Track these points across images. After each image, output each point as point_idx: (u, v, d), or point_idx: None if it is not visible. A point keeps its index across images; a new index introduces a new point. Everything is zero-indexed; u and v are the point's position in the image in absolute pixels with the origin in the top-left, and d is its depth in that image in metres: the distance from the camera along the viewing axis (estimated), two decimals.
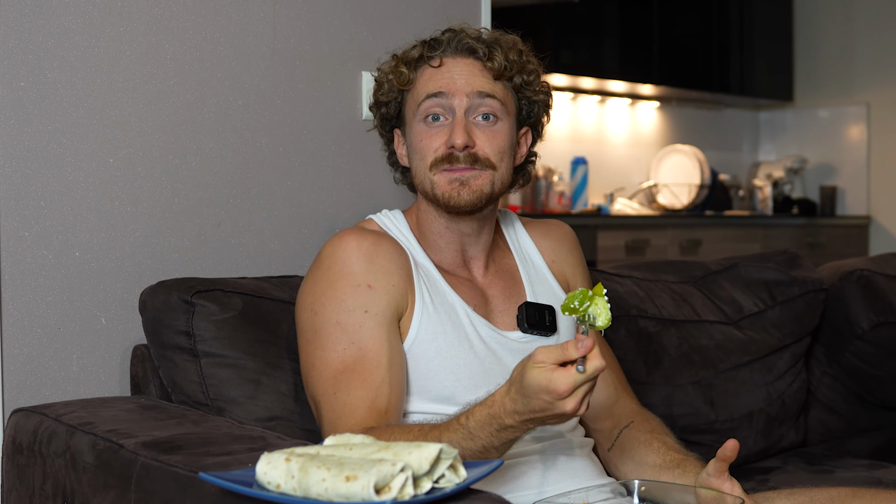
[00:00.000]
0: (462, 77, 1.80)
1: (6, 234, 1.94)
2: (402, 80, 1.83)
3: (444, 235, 1.86)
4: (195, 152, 2.16)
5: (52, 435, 1.76)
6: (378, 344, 1.71)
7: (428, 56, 1.82)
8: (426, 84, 1.81)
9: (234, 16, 2.20)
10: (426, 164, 1.80)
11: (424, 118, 1.81)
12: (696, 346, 2.45)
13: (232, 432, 1.68)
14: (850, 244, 6.29)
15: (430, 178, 1.80)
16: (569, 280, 2.00)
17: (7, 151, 1.94)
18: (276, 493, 1.30)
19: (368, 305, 1.72)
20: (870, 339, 2.64)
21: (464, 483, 1.32)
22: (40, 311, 1.98)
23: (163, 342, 1.92)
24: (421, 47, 1.83)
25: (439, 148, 1.79)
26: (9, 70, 1.93)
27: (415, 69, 1.83)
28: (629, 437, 1.91)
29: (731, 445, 1.63)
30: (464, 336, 1.78)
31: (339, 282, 1.74)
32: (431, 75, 1.81)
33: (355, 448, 1.35)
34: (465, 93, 1.79)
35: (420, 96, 1.81)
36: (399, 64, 1.84)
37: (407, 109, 1.85)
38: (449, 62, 1.81)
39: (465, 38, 1.82)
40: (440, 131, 1.79)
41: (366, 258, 1.76)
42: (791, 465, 2.46)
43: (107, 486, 1.62)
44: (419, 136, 1.81)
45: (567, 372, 1.43)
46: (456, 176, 1.78)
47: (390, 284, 1.75)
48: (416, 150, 1.82)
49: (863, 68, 6.42)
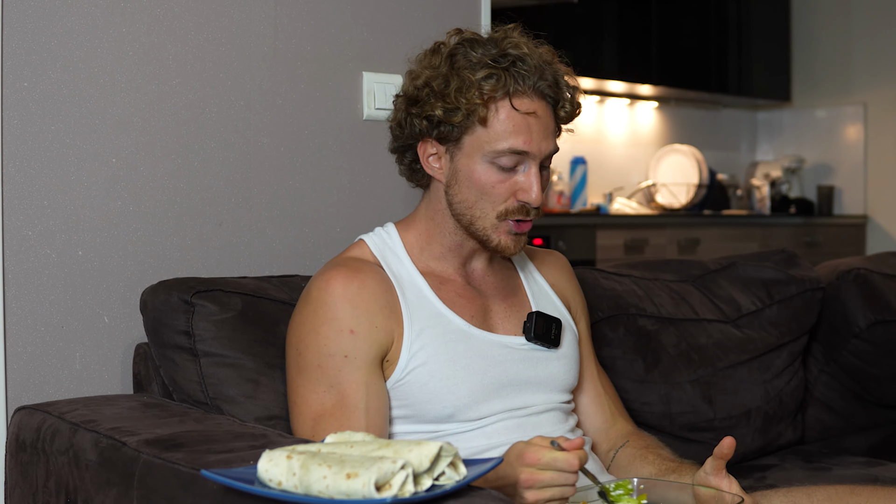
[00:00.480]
0: (539, 134, 1.76)
1: (9, 233, 1.94)
2: (480, 117, 1.75)
3: (455, 251, 1.86)
4: (197, 152, 2.16)
5: (56, 432, 1.76)
6: (356, 389, 1.72)
7: (512, 94, 1.75)
8: (508, 134, 1.75)
9: (235, 16, 2.20)
10: (492, 211, 1.78)
11: (498, 164, 1.76)
12: (695, 344, 2.45)
13: (233, 430, 1.68)
14: (847, 243, 6.29)
15: (492, 223, 1.78)
16: (570, 304, 2.01)
17: (10, 151, 1.94)
18: (277, 490, 1.30)
19: (349, 350, 1.73)
20: (867, 338, 2.64)
21: (464, 480, 1.32)
22: (43, 310, 1.98)
23: (163, 342, 1.92)
24: (503, 79, 1.74)
25: (510, 199, 1.77)
26: (12, 70, 1.93)
27: (491, 103, 1.75)
28: (625, 454, 1.92)
29: (728, 443, 1.63)
30: (460, 355, 1.78)
31: (322, 326, 1.75)
32: (514, 123, 1.75)
33: (356, 446, 1.35)
34: (542, 150, 1.77)
35: (499, 142, 1.75)
36: (476, 92, 1.74)
37: (470, 138, 1.77)
38: (530, 106, 1.75)
39: (538, 79, 1.76)
40: (510, 180, 1.77)
41: (351, 304, 1.75)
42: (789, 462, 2.46)
43: (109, 484, 1.62)
44: (488, 179, 1.76)
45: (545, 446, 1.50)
46: (520, 230, 1.79)
47: (373, 327, 1.75)
48: (482, 190, 1.77)
49: (860, 69, 6.42)
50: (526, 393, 1.82)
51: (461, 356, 1.78)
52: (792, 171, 6.51)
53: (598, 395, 2.01)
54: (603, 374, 2.07)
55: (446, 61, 1.78)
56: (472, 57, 1.77)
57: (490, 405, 1.78)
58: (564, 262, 2.07)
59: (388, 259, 1.84)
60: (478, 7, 2.57)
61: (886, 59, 6.31)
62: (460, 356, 1.78)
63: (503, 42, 1.78)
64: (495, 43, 1.79)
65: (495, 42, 1.79)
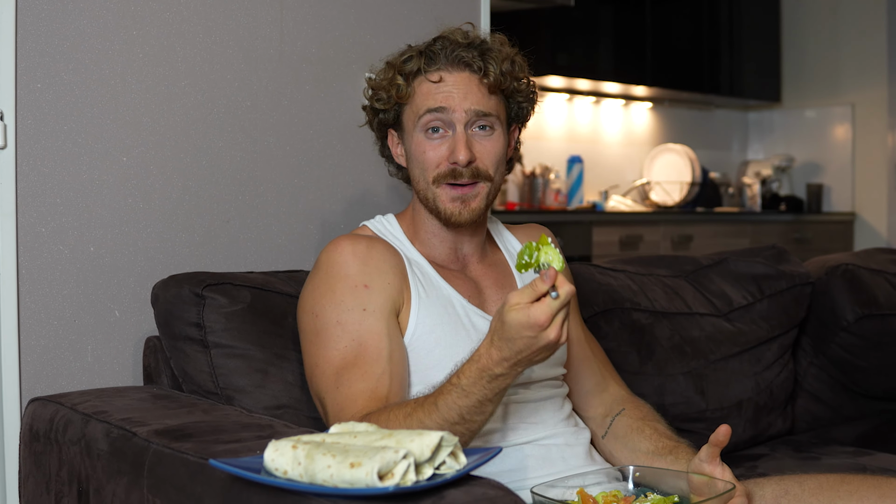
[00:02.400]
0: (460, 93, 1.79)
1: (23, 230, 1.94)
2: (400, 94, 1.81)
3: (438, 235, 1.87)
4: (205, 151, 2.16)
5: (68, 423, 1.75)
6: (377, 338, 1.72)
7: (425, 69, 1.81)
8: (426, 98, 1.80)
9: (242, 20, 2.20)
10: (428, 177, 1.80)
11: (425, 130, 1.80)
12: (688, 337, 2.45)
13: (241, 420, 1.68)
14: (835, 240, 6.28)
15: (432, 191, 1.80)
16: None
17: (24, 150, 1.94)
18: (283, 479, 1.30)
19: (366, 304, 1.73)
20: (855, 331, 2.63)
21: (464, 469, 1.32)
22: (56, 304, 1.98)
23: (174, 334, 1.92)
24: (418, 59, 1.81)
25: (441, 163, 1.79)
26: (26, 72, 1.93)
27: (412, 82, 1.82)
28: (621, 425, 1.91)
29: (724, 431, 1.63)
30: (460, 326, 1.78)
31: (337, 284, 1.75)
32: (430, 90, 1.80)
33: (359, 436, 1.35)
34: (464, 109, 1.78)
35: (420, 109, 1.80)
36: (396, 76, 1.82)
37: (405, 118, 1.84)
38: (446, 76, 1.79)
39: (459, 50, 1.80)
40: (441, 143, 1.79)
41: (361, 260, 1.76)
42: (779, 452, 2.46)
43: (120, 473, 1.62)
44: (420, 147, 1.81)
45: (542, 303, 1.44)
46: (458, 194, 1.79)
47: (386, 282, 1.76)
48: (417, 160, 1.82)
49: (848, 70, 6.42)
50: None
51: (461, 328, 1.79)
52: (782, 170, 6.50)
53: (587, 357, 1.99)
54: (592, 339, 2.06)
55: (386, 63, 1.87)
56: (403, 51, 1.85)
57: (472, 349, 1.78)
58: (542, 231, 2.07)
59: (391, 240, 1.87)
60: (477, 10, 2.57)
61: (873, 62, 6.30)
62: (461, 328, 1.78)
63: (440, 36, 1.84)
64: (436, 38, 1.84)
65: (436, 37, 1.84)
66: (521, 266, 1.49)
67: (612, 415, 1.93)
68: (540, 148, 5.55)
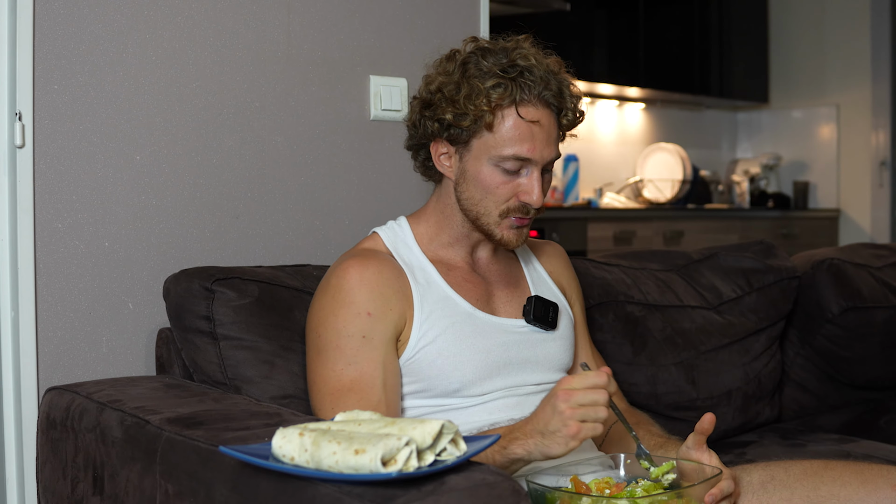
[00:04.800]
0: (542, 141, 1.75)
1: (41, 226, 1.94)
2: (487, 123, 1.74)
3: (461, 239, 1.86)
4: (215, 150, 2.16)
5: (84, 411, 1.75)
6: (373, 367, 1.72)
7: (518, 101, 1.74)
8: (513, 141, 1.74)
9: (251, 24, 2.19)
10: (496, 209, 1.78)
11: (503, 167, 1.76)
12: (679, 329, 2.45)
13: (250, 409, 1.68)
14: (821, 235, 6.28)
15: (495, 219, 1.79)
16: (565, 289, 2.01)
17: (42, 149, 1.93)
18: (290, 465, 1.30)
19: (367, 331, 1.73)
20: (839, 323, 2.63)
21: (464, 456, 1.32)
22: (72, 297, 1.98)
23: (185, 326, 1.92)
24: (510, 88, 1.73)
25: (512, 199, 1.77)
26: (43, 74, 1.93)
27: (500, 109, 1.74)
28: (617, 430, 1.91)
29: (708, 419, 1.64)
30: (465, 335, 1.78)
31: (340, 310, 1.74)
32: (519, 131, 1.74)
33: (363, 423, 1.35)
34: (545, 158, 1.77)
35: (504, 148, 1.74)
36: (485, 100, 1.73)
37: (478, 141, 1.77)
38: (534, 114, 1.74)
39: (542, 88, 1.75)
40: (514, 182, 1.77)
41: (368, 288, 1.74)
42: (767, 439, 2.46)
43: (134, 459, 1.62)
44: (493, 180, 1.76)
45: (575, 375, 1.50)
46: (521, 226, 1.79)
47: (388, 309, 1.75)
48: (487, 189, 1.77)
49: (833, 72, 6.41)
50: (525, 372, 1.83)
51: (467, 336, 1.78)
52: (769, 168, 6.50)
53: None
54: (597, 355, 2.07)
55: (459, 69, 1.78)
56: (482, 66, 1.76)
57: (493, 382, 1.79)
58: (561, 251, 2.08)
59: (400, 249, 1.85)
60: (476, 15, 2.56)
61: (857, 64, 6.30)
62: (466, 336, 1.78)
63: (513, 52, 1.77)
64: (506, 53, 1.77)
65: (506, 52, 1.78)
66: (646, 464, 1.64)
67: (610, 423, 1.94)
68: None
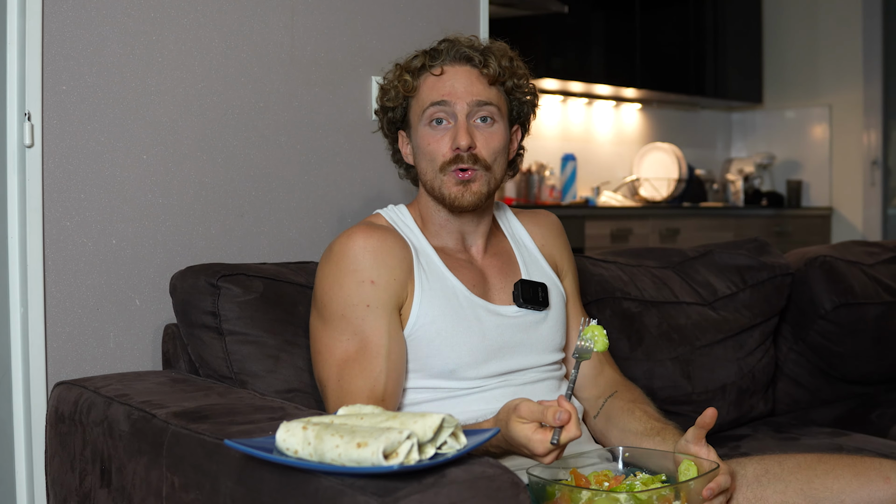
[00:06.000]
0: (462, 85, 1.80)
1: (50, 224, 1.94)
2: (407, 88, 1.83)
3: (445, 226, 1.87)
4: (221, 149, 2.16)
5: (92, 405, 1.75)
6: (378, 335, 1.72)
7: (429, 65, 1.83)
8: (430, 92, 1.82)
9: (255, 26, 2.19)
10: (436, 166, 1.81)
11: (429, 122, 1.81)
12: (675, 325, 2.45)
13: (254, 403, 1.68)
14: (813, 233, 6.28)
15: (439, 178, 1.80)
16: (557, 262, 2.01)
17: (51, 149, 1.93)
18: (294, 458, 1.30)
19: (371, 300, 1.73)
20: (832, 319, 2.63)
21: (464, 449, 1.31)
22: (80, 294, 1.98)
23: (191, 321, 1.92)
24: (423, 57, 1.84)
25: (446, 152, 1.79)
26: (52, 75, 1.93)
27: (418, 77, 1.84)
28: (613, 406, 1.91)
29: (710, 414, 1.62)
30: (462, 317, 1.78)
31: (345, 278, 1.74)
32: (434, 83, 1.82)
33: (366, 417, 1.35)
34: (466, 100, 1.79)
35: (424, 103, 1.81)
36: (403, 73, 1.84)
37: (412, 114, 1.85)
38: (449, 70, 1.82)
39: (462, 47, 1.82)
40: (445, 134, 1.80)
41: (371, 255, 1.75)
42: (760, 433, 2.46)
43: (140, 452, 1.62)
44: (426, 140, 1.81)
45: (544, 438, 1.46)
46: (461, 178, 1.79)
47: (392, 278, 1.75)
48: (424, 152, 1.82)
49: (825, 73, 6.41)
50: (519, 355, 1.83)
51: (463, 319, 1.78)
52: (763, 167, 6.50)
53: None
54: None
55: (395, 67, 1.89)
56: (412, 55, 1.87)
57: (488, 366, 1.79)
58: (553, 221, 2.07)
59: (402, 229, 1.86)
60: (476, 16, 2.56)
61: (849, 65, 6.30)
62: (462, 319, 1.78)
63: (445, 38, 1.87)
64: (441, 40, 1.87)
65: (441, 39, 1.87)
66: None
67: (605, 396, 1.93)
68: (535, 146, 5.54)
